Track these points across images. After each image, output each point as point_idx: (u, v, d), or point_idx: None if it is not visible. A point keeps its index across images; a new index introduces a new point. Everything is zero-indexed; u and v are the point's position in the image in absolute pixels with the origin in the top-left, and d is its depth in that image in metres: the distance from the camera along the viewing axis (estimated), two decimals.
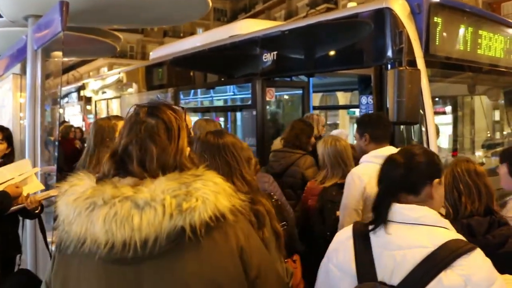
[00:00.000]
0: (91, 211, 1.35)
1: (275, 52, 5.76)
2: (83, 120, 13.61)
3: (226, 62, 6.83)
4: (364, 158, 3.56)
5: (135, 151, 1.45)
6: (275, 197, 3.01)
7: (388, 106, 4.06)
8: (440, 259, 1.59)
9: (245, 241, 1.46)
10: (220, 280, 1.39)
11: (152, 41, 46.07)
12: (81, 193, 1.39)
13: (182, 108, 1.63)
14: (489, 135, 6.73)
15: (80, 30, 6.25)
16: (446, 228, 1.74)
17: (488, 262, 1.65)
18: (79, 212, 1.36)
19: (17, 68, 6.12)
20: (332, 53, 5.24)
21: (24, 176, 3.63)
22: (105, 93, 12.00)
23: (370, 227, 1.80)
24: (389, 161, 1.93)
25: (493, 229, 2.38)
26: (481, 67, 5.10)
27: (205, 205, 1.36)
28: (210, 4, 4.92)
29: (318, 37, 5.33)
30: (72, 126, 10.34)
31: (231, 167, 2.28)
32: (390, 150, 3.46)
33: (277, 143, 5.25)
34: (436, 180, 1.83)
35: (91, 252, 1.35)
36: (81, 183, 1.44)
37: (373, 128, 3.61)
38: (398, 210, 1.77)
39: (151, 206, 1.33)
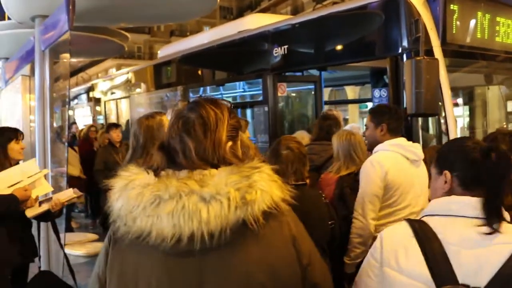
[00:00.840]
0: (156, 205, 1.37)
1: (285, 46, 5.64)
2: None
3: (236, 58, 6.73)
4: (380, 146, 3.44)
5: (176, 144, 1.50)
6: (323, 195, 3.15)
7: (405, 98, 3.95)
8: None
9: (296, 230, 1.51)
10: (277, 266, 1.43)
11: (159, 41, 46.02)
12: (143, 187, 1.41)
13: (230, 103, 1.64)
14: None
15: (87, 29, 6.19)
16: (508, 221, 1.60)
17: None
18: (143, 207, 1.38)
19: (26, 70, 6.08)
20: (344, 45, 5.12)
21: (33, 179, 3.54)
22: (114, 94, 11.94)
23: (485, 228, 1.54)
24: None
25: None
26: (499, 55, 4.94)
27: (263, 196, 1.39)
28: None
29: (329, 29, 5.21)
30: (92, 125, 10.16)
31: None
32: (404, 141, 3.45)
33: (303, 137, 5.10)
34: None
35: (153, 246, 1.37)
36: (140, 177, 1.45)
37: (391, 119, 3.48)
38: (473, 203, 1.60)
39: (217, 199, 1.35)
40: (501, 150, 1.59)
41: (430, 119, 4.50)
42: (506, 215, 1.60)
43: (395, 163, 3.33)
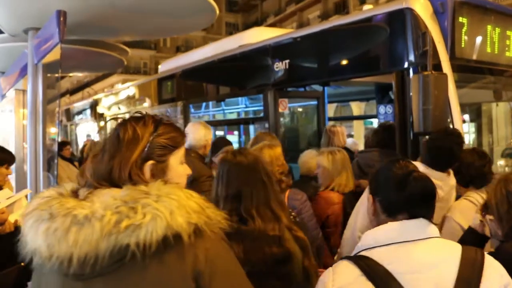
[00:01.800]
0: (39, 223, 1.31)
1: (287, 61, 5.46)
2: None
3: (237, 73, 6.56)
4: None
5: (92, 160, 1.45)
6: (293, 213, 2.76)
7: (412, 115, 3.74)
8: (473, 266, 1.51)
9: (205, 264, 1.31)
10: None
11: (165, 57, 46.11)
12: (36, 205, 1.37)
13: (167, 117, 1.56)
14: None
15: (85, 43, 6.06)
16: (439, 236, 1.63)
17: None
18: (30, 224, 1.34)
19: (19, 84, 5.92)
20: (348, 59, 4.92)
21: (11, 201, 3.31)
22: (115, 109, 11.80)
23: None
24: None
25: None
26: (509, 70, 4.74)
27: (156, 222, 1.25)
28: (217, 11, 4.64)
29: (333, 43, 5.02)
30: (95, 141, 9.92)
31: (267, 189, 2.14)
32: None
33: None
34: None
35: (48, 268, 1.32)
36: (43, 195, 1.41)
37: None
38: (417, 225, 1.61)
39: (90, 222, 1.26)
40: (417, 176, 1.61)
41: None
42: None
43: None
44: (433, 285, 1.48)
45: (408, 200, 1.61)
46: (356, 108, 17.64)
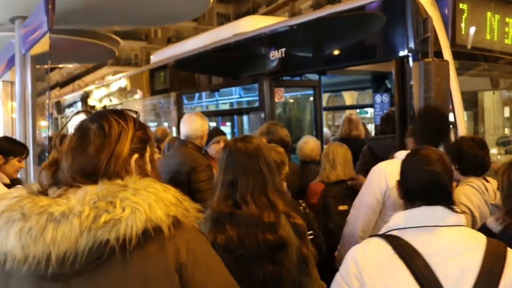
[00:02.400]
0: (10, 225, 1.24)
1: (283, 50, 5.34)
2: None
3: (231, 62, 6.44)
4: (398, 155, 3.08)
5: (67, 157, 1.36)
6: (303, 205, 2.85)
7: (413, 103, 3.66)
8: (496, 257, 1.56)
9: (186, 255, 1.31)
10: None
11: (156, 48, 45.65)
12: (5, 206, 1.28)
13: (136, 113, 1.50)
14: None
15: (75, 33, 5.91)
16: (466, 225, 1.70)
17: None
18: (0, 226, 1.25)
19: (7, 76, 5.77)
20: (346, 47, 4.83)
21: None
22: (106, 101, 11.63)
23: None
24: None
25: None
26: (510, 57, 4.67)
27: (135, 215, 1.23)
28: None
29: (331, 30, 4.90)
30: None
31: (265, 177, 2.14)
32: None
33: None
34: None
35: (23, 271, 1.23)
36: (12, 196, 1.32)
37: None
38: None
39: (68, 219, 1.21)
40: (436, 170, 1.71)
41: None
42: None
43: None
44: (459, 270, 1.52)
45: (423, 190, 1.72)
46: (349, 97, 17.55)
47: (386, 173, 2.93)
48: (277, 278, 2.02)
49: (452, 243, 1.59)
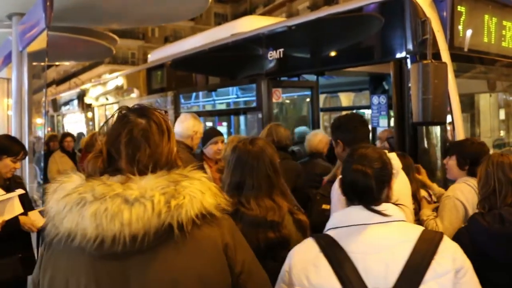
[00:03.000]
0: (82, 206, 1.37)
1: (281, 50, 5.33)
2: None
3: (229, 62, 6.42)
4: None
5: (126, 149, 1.49)
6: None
7: (411, 105, 3.65)
8: (426, 249, 1.61)
9: (230, 238, 1.53)
10: (205, 273, 1.45)
11: (153, 47, 45.58)
12: (71, 190, 1.41)
13: (165, 111, 1.67)
14: None
15: (73, 31, 5.89)
16: (404, 220, 1.75)
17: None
18: (69, 208, 1.38)
19: (3, 73, 5.73)
20: (345, 48, 4.82)
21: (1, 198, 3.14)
22: (103, 99, 11.58)
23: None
24: None
25: None
26: (508, 60, 4.68)
27: (192, 203, 1.41)
28: None
29: (328, 31, 4.90)
30: (94, 133, 9.22)
31: (271, 180, 2.24)
32: None
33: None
34: None
35: (81, 248, 1.37)
36: (71, 180, 1.45)
37: (344, 132, 3.10)
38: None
39: (141, 202, 1.36)
40: (362, 170, 1.75)
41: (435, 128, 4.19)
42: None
43: None
44: (383, 265, 1.59)
45: (352, 189, 1.79)
46: (345, 99, 17.55)
47: None
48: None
49: (381, 239, 1.65)
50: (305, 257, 1.70)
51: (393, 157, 2.07)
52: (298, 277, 1.68)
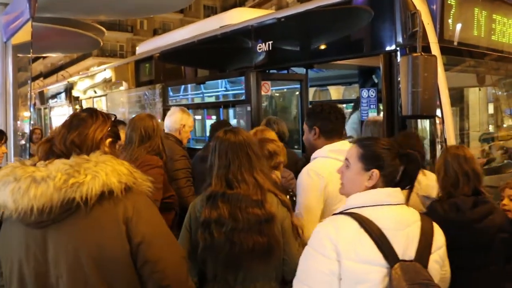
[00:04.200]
0: (5, 186, 1.76)
1: (270, 42, 5.29)
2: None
3: (218, 54, 6.35)
4: (318, 153, 3.04)
5: (62, 135, 1.91)
6: (291, 192, 3.20)
7: (400, 98, 3.64)
8: (428, 228, 1.94)
9: (133, 212, 1.81)
10: (104, 241, 1.77)
11: (142, 40, 45.18)
12: (3, 174, 1.81)
13: (115, 115, 2.13)
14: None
15: (59, 22, 5.79)
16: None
17: None
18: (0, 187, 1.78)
19: None
20: (334, 41, 4.78)
21: None
22: (91, 92, 11.45)
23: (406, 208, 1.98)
24: None
25: (477, 207, 2.72)
26: (498, 54, 4.69)
27: (94, 181, 1.73)
28: None
29: (317, 24, 4.85)
30: None
31: (252, 160, 2.50)
32: (345, 144, 2.98)
33: None
34: None
35: (17, 220, 1.77)
36: (7, 167, 1.85)
37: (325, 121, 3.08)
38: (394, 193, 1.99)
39: (46, 181, 1.72)
40: (415, 157, 2.02)
41: (424, 121, 4.17)
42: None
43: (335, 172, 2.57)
44: (406, 240, 1.86)
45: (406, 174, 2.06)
46: (335, 92, 17.55)
47: (319, 174, 2.92)
48: (266, 245, 2.36)
49: (400, 218, 1.91)
50: (347, 233, 1.84)
51: None
52: (346, 251, 1.81)
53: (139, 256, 1.81)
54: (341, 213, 1.94)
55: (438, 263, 1.94)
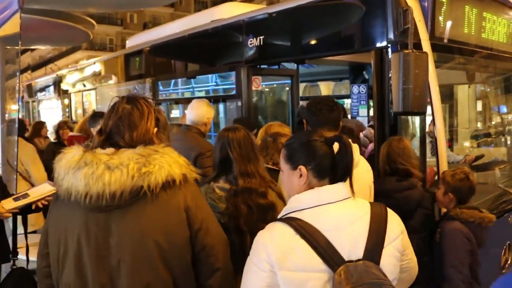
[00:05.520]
0: (77, 170, 1.85)
1: (261, 38, 5.26)
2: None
3: (208, 49, 6.32)
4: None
5: (116, 128, 1.98)
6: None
7: (391, 95, 3.64)
8: (380, 220, 1.82)
9: (191, 200, 1.96)
10: (169, 227, 1.90)
11: (132, 33, 44.82)
12: (70, 159, 1.90)
13: (152, 99, 2.10)
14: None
15: (49, 14, 5.72)
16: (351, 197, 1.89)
17: None
18: (67, 171, 1.88)
19: None
20: (325, 37, 4.77)
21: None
22: (80, 85, 11.36)
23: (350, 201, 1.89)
24: None
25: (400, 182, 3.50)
26: (488, 52, 4.72)
27: (161, 171, 1.87)
28: None
29: (309, 19, 4.84)
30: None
31: (256, 154, 2.75)
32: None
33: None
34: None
35: (77, 202, 1.84)
36: (70, 152, 1.94)
37: (308, 113, 3.13)
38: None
39: (119, 168, 1.83)
40: (344, 140, 1.87)
41: (415, 118, 4.19)
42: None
43: None
44: (352, 239, 1.75)
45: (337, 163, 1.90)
46: (325, 88, 17.59)
47: None
48: None
49: (343, 216, 1.79)
50: (281, 242, 1.74)
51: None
52: (281, 261, 1.71)
53: (197, 241, 1.96)
54: (278, 219, 1.85)
55: (394, 255, 1.82)
